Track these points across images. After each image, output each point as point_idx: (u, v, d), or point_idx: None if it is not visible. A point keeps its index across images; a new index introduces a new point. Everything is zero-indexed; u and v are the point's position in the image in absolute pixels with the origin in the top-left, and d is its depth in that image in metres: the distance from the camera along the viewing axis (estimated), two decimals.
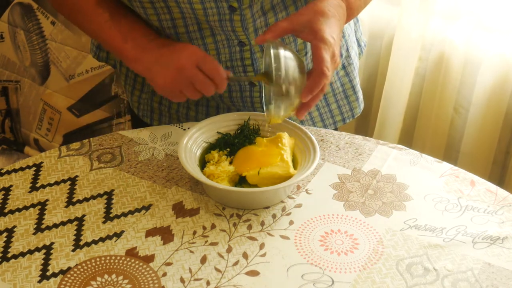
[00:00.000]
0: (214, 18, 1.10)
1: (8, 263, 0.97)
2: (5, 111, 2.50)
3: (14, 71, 2.40)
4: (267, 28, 1.07)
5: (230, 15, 1.10)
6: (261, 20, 1.14)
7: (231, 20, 1.11)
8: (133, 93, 1.33)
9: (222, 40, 1.15)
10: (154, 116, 1.32)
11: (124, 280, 0.94)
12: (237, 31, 1.13)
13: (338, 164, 1.16)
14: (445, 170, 1.14)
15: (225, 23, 1.11)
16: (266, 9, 1.13)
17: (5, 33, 2.35)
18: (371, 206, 1.07)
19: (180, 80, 1.08)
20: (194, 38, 1.14)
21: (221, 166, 1.07)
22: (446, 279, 0.95)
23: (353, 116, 1.36)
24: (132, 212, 1.05)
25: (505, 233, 1.02)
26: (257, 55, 1.18)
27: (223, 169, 1.06)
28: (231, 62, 1.18)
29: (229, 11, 1.09)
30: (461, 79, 1.77)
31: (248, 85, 1.22)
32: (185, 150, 1.08)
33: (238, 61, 1.18)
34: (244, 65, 1.19)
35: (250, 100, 1.24)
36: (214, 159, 1.09)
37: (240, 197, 1.05)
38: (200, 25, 1.13)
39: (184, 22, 1.12)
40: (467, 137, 1.82)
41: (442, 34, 1.77)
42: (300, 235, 1.01)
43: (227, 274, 0.95)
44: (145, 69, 1.11)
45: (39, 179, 1.12)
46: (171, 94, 1.11)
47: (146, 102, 1.32)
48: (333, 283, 0.94)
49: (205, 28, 1.13)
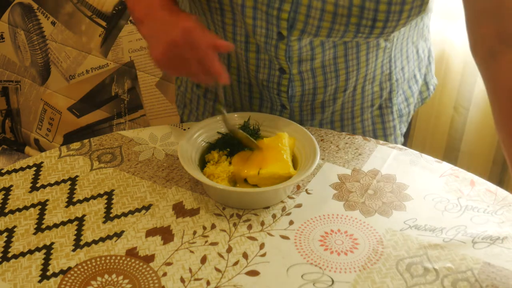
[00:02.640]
0: (261, 39, 1.09)
1: (9, 263, 0.97)
2: (6, 111, 2.50)
3: (14, 71, 2.40)
4: None
5: (277, 42, 1.08)
6: (308, 53, 1.11)
7: (277, 46, 1.09)
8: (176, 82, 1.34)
9: (265, 59, 1.13)
10: (185, 111, 1.33)
11: (124, 280, 0.94)
12: (280, 58, 1.11)
13: (338, 164, 1.16)
14: (445, 170, 1.15)
15: (270, 47, 1.10)
16: (315, 45, 1.11)
17: (5, 33, 2.35)
18: (371, 206, 1.07)
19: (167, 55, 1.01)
20: (238, 47, 1.13)
21: (221, 166, 1.07)
22: (446, 279, 0.95)
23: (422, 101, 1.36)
24: (132, 212, 1.05)
25: (505, 233, 1.02)
26: (295, 84, 1.16)
27: (223, 169, 1.06)
28: (267, 82, 1.16)
29: (277, 37, 1.08)
30: (461, 79, 1.77)
31: (280, 106, 1.21)
32: (185, 150, 1.08)
33: (274, 84, 1.17)
34: (279, 90, 1.17)
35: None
36: (214, 159, 1.09)
37: (240, 197, 1.05)
38: (248, 38, 1.11)
39: (234, 29, 1.11)
40: (467, 136, 1.82)
41: (442, 34, 1.77)
42: (300, 235, 1.01)
43: (227, 274, 0.95)
44: (147, 35, 1.05)
45: (39, 179, 1.12)
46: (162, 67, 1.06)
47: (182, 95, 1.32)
48: (333, 283, 0.94)
49: (251, 42, 1.11)
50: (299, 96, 1.18)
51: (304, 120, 1.24)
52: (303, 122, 1.24)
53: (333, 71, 1.15)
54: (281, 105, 1.21)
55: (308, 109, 1.22)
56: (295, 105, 1.20)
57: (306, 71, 1.14)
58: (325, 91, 1.19)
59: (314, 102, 1.20)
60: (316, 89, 1.18)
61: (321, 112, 1.23)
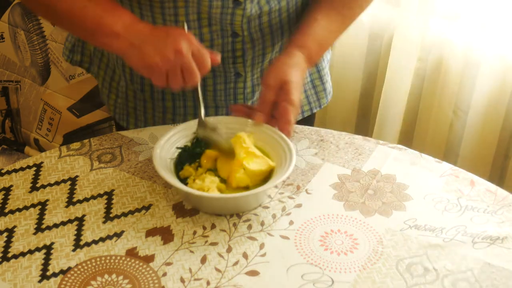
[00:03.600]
0: (217, 10, 1.13)
1: (9, 263, 0.97)
2: (5, 111, 2.50)
3: (14, 71, 2.40)
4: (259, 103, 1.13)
5: (233, 9, 1.13)
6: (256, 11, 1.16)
7: (233, 14, 1.14)
8: (109, 97, 1.34)
9: (217, 30, 1.17)
10: (130, 120, 1.32)
11: (124, 280, 0.94)
12: (236, 24, 1.15)
13: (338, 164, 1.16)
14: (445, 170, 1.15)
15: (226, 16, 1.14)
16: (262, 3, 1.16)
17: (5, 33, 2.35)
18: (371, 206, 1.07)
19: (172, 63, 1.04)
20: (192, 27, 1.15)
21: (207, 178, 1.06)
22: (446, 279, 0.95)
23: (320, 106, 1.39)
24: (132, 212, 1.05)
25: (505, 233, 1.02)
26: (247, 46, 1.20)
27: (210, 180, 1.05)
28: (222, 53, 1.19)
29: (233, 5, 1.12)
30: (460, 81, 1.77)
31: (234, 75, 1.24)
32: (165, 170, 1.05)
33: (229, 53, 1.20)
34: (235, 56, 1.21)
35: (234, 92, 1.26)
36: (192, 174, 1.07)
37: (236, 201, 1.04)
38: (200, 15, 1.14)
39: (186, 10, 1.13)
40: (466, 140, 1.81)
41: (442, 35, 1.77)
42: (300, 235, 1.01)
43: (227, 274, 0.95)
44: (129, 45, 1.06)
45: (39, 179, 1.12)
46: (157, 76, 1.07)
47: (122, 106, 1.32)
48: (333, 283, 0.94)
49: (203, 18, 1.15)
50: (251, 60, 1.23)
51: (255, 85, 1.27)
52: (254, 87, 1.28)
53: (279, 28, 1.21)
54: (235, 74, 1.24)
55: (258, 72, 1.26)
56: (248, 69, 1.24)
57: (255, 31, 1.19)
58: (273, 50, 1.24)
59: (263, 62, 1.25)
60: (264, 48, 1.23)
61: None
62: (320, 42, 1.19)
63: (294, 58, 1.15)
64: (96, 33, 1.09)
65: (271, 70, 1.13)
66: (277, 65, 1.13)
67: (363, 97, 2.01)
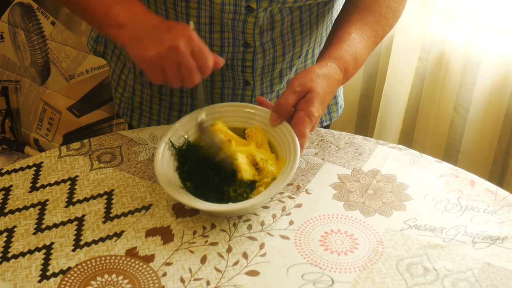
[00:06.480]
0: (229, 16, 1.11)
1: (8, 263, 0.97)
2: (5, 111, 2.50)
3: (14, 71, 2.40)
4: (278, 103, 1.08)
5: (245, 16, 1.11)
6: (268, 23, 1.14)
7: (245, 21, 1.11)
8: (117, 90, 1.33)
9: (229, 38, 1.15)
10: (133, 116, 1.32)
11: (124, 280, 0.94)
12: (247, 33, 1.13)
13: (338, 164, 1.16)
14: (445, 170, 1.15)
15: (238, 23, 1.12)
16: (275, 13, 1.13)
17: (5, 33, 2.35)
18: (371, 206, 1.07)
19: (165, 59, 1.01)
20: (202, 30, 1.14)
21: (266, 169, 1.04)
22: (446, 279, 0.95)
23: (330, 120, 1.38)
24: (132, 212, 1.05)
25: (505, 233, 1.02)
26: (257, 56, 1.18)
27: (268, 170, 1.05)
28: (231, 61, 1.18)
29: (245, 11, 1.10)
30: (461, 79, 1.77)
31: (243, 83, 1.22)
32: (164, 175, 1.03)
33: (239, 61, 1.19)
34: (244, 66, 1.19)
35: (241, 98, 1.25)
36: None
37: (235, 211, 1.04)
38: (212, 19, 1.13)
39: (198, 13, 1.12)
40: (467, 137, 1.82)
41: (442, 34, 1.77)
42: (300, 235, 1.01)
43: (227, 274, 0.95)
44: (132, 37, 1.03)
45: (39, 179, 1.12)
46: (152, 71, 1.04)
47: (127, 101, 1.31)
48: (333, 283, 0.94)
49: (215, 23, 1.13)
50: (260, 69, 1.22)
51: (263, 94, 1.27)
52: (263, 95, 1.26)
53: (290, 38, 1.19)
54: (243, 81, 1.23)
55: (268, 81, 1.25)
56: (257, 78, 1.23)
57: (267, 42, 1.17)
58: (283, 60, 1.22)
59: (273, 72, 1.24)
60: (275, 58, 1.21)
61: (279, 82, 1.26)
62: (355, 57, 1.13)
63: (328, 69, 1.09)
64: (104, 23, 1.06)
65: (300, 75, 1.08)
66: (308, 71, 1.08)
67: (364, 97, 2.02)
